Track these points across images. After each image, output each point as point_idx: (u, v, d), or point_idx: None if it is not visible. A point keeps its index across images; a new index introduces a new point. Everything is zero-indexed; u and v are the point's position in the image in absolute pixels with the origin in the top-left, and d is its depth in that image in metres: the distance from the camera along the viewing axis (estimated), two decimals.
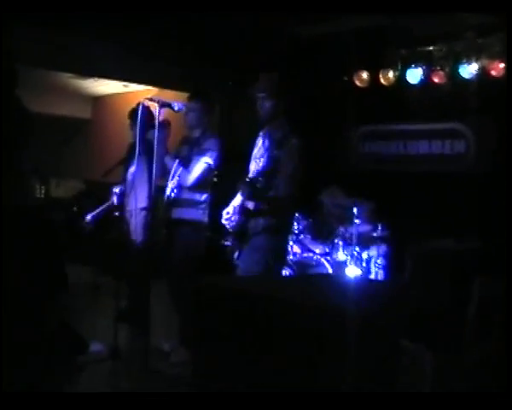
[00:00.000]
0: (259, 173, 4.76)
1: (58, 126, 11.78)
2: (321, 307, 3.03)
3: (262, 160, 4.87)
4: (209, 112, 5.83)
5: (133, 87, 10.60)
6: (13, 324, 3.89)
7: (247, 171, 5.06)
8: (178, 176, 5.65)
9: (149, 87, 9.73)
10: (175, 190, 5.68)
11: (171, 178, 5.71)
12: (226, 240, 4.92)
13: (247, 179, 4.76)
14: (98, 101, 12.49)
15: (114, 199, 6.48)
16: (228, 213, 4.93)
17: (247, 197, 4.73)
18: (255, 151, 5.04)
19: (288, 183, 4.69)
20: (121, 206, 6.30)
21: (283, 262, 5.90)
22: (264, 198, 4.72)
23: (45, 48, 7.38)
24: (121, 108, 7.79)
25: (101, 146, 11.59)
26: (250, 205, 4.73)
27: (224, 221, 4.93)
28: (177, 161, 5.67)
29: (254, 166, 4.97)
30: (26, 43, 5.76)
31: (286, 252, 6.02)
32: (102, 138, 11.85)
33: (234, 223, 4.83)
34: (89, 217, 6.58)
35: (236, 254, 4.84)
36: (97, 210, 6.65)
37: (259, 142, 5.01)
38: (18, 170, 4.30)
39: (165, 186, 5.76)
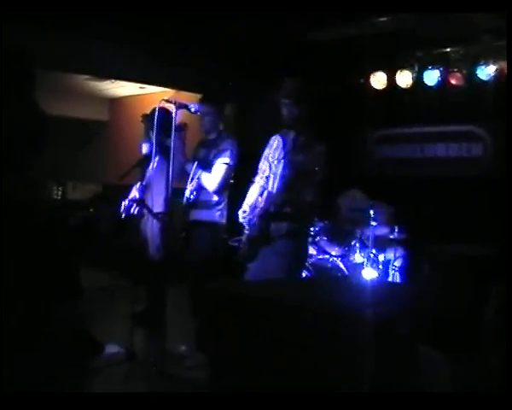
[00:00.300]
0: (286, 181, 4.71)
1: (75, 129, 11.83)
2: (337, 310, 3.01)
3: (281, 162, 4.84)
4: (222, 114, 5.82)
5: (150, 89, 10.62)
6: (20, 324, 3.89)
7: (257, 171, 5.05)
8: (198, 178, 5.63)
9: (166, 89, 9.74)
10: (194, 193, 5.66)
11: (190, 181, 5.69)
12: (238, 241, 4.89)
13: (282, 185, 4.72)
14: (115, 103, 12.53)
15: (136, 194, 6.43)
16: (245, 211, 4.90)
17: (274, 203, 4.69)
18: (267, 151, 5.02)
19: (314, 189, 4.67)
20: (143, 200, 6.22)
21: (303, 266, 5.86)
22: (290, 203, 4.69)
23: (61, 50, 7.41)
24: (138, 109, 7.78)
25: (118, 148, 11.61)
26: (271, 208, 4.71)
27: (241, 220, 4.91)
28: (195, 163, 5.66)
29: (266, 166, 4.96)
30: (41, 45, 5.79)
31: (306, 256, 5.98)
32: (119, 141, 11.87)
33: (252, 224, 4.79)
34: (126, 202, 6.47)
35: (251, 256, 4.82)
36: (128, 197, 6.54)
37: (275, 143, 4.98)
38: (34, 172, 4.31)
39: (184, 189, 5.74)
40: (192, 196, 5.66)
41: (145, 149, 6.30)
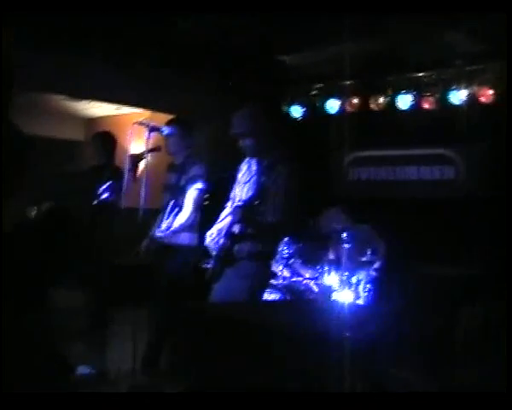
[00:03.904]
0: (249, 199, 4.72)
1: (51, 149, 11.78)
2: (308, 333, 3.04)
3: (247, 185, 4.87)
4: (189, 137, 5.80)
5: (125, 110, 10.62)
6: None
7: (231, 196, 5.07)
8: (174, 217, 5.59)
9: (141, 110, 9.76)
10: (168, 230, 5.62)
11: (166, 217, 5.64)
12: (207, 262, 4.90)
13: (240, 203, 4.73)
14: (91, 123, 12.50)
15: (105, 195, 6.37)
16: (212, 234, 4.91)
17: (237, 221, 4.70)
18: (239, 175, 5.05)
19: (276, 210, 4.63)
20: (115, 203, 6.15)
21: (266, 287, 5.83)
22: (253, 223, 4.70)
23: (38, 70, 7.40)
24: (114, 130, 7.80)
25: None
26: (236, 228, 4.72)
27: (208, 243, 4.92)
28: (171, 202, 5.63)
29: (239, 190, 4.98)
30: (18, 64, 5.79)
31: (269, 277, 5.95)
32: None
33: (218, 245, 4.80)
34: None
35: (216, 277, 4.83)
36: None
37: (244, 167, 5.01)
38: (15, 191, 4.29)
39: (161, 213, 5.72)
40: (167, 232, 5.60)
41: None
